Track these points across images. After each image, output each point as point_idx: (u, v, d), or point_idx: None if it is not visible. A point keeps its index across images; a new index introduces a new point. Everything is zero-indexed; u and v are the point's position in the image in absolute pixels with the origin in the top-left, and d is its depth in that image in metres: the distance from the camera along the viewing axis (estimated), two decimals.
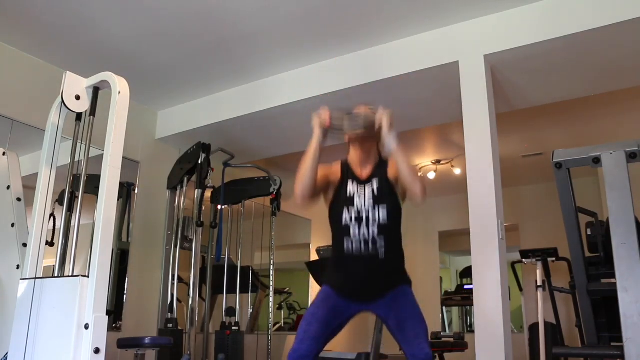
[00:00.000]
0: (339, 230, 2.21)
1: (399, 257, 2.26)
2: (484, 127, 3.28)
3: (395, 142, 2.11)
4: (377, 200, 2.19)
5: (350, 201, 2.21)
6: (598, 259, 2.86)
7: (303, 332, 2.11)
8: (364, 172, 2.27)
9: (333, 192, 2.28)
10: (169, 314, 4.31)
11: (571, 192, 2.71)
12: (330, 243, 2.30)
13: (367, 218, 2.17)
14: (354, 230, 2.17)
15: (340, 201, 2.24)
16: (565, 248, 2.85)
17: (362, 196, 2.21)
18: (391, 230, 2.19)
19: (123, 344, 3.52)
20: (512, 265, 5.08)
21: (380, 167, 2.27)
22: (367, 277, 2.17)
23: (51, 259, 2.52)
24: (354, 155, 2.31)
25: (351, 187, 2.24)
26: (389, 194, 2.21)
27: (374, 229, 2.16)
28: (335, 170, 2.31)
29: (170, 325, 4.23)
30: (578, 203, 2.76)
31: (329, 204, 2.30)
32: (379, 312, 2.21)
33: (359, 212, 2.18)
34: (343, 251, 2.19)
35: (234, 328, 4.59)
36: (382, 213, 2.17)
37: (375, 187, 2.22)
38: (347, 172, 2.28)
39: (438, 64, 3.54)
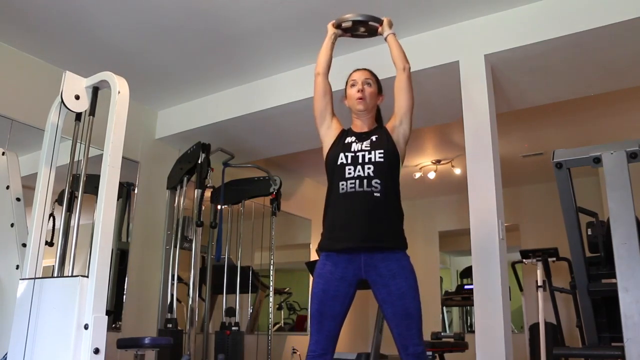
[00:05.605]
0: (334, 172, 2.22)
1: (397, 205, 2.21)
2: (484, 127, 3.28)
3: (392, 31, 2.43)
4: (374, 146, 2.22)
5: (347, 147, 2.25)
6: (598, 259, 2.86)
7: (317, 333, 2.11)
8: (364, 130, 2.33)
9: (330, 144, 2.31)
10: (169, 314, 4.31)
11: (571, 192, 2.71)
12: None
13: (363, 158, 2.19)
14: (348, 169, 2.18)
15: (338, 147, 2.27)
16: (566, 248, 2.85)
17: (360, 144, 2.25)
18: (387, 172, 2.18)
19: (123, 344, 3.51)
20: (513, 265, 5.08)
21: (380, 128, 2.34)
22: (362, 212, 2.12)
23: (51, 259, 2.52)
24: (355, 123, 2.37)
25: (349, 139, 2.29)
26: (387, 142, 2.24)
27: (369, 169, 2.17)
28: (339, 125, 2.38)
29: (170, 326, 4.22)
30: (578, 203, 2.76)
31: (326, 153, 2.31)
32: (375, 279, 2.11)
33: (355, 153, 2.22)
34: (338, 193, 2.18)
35: (234, 328, 4.59)
36: (378, 155, 2.19)
37: (374, 137, 2.27)
38: (347, 132, 2.35)
39: (438, 63, 3.54)
